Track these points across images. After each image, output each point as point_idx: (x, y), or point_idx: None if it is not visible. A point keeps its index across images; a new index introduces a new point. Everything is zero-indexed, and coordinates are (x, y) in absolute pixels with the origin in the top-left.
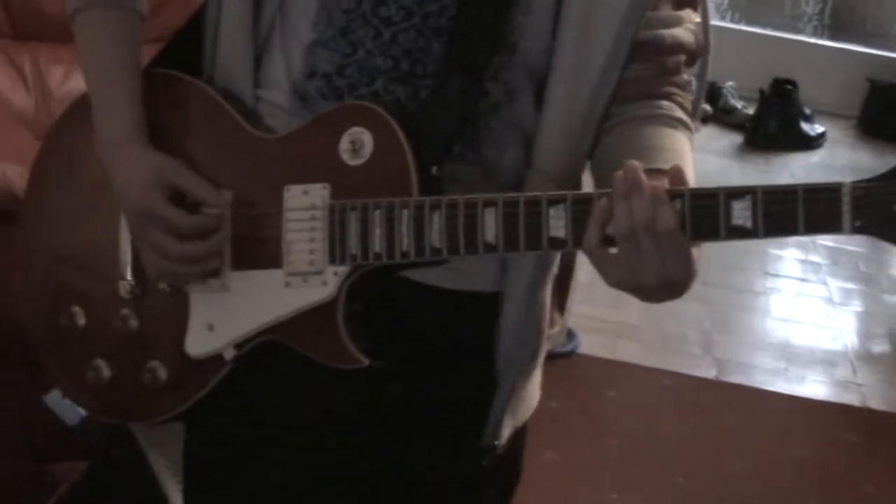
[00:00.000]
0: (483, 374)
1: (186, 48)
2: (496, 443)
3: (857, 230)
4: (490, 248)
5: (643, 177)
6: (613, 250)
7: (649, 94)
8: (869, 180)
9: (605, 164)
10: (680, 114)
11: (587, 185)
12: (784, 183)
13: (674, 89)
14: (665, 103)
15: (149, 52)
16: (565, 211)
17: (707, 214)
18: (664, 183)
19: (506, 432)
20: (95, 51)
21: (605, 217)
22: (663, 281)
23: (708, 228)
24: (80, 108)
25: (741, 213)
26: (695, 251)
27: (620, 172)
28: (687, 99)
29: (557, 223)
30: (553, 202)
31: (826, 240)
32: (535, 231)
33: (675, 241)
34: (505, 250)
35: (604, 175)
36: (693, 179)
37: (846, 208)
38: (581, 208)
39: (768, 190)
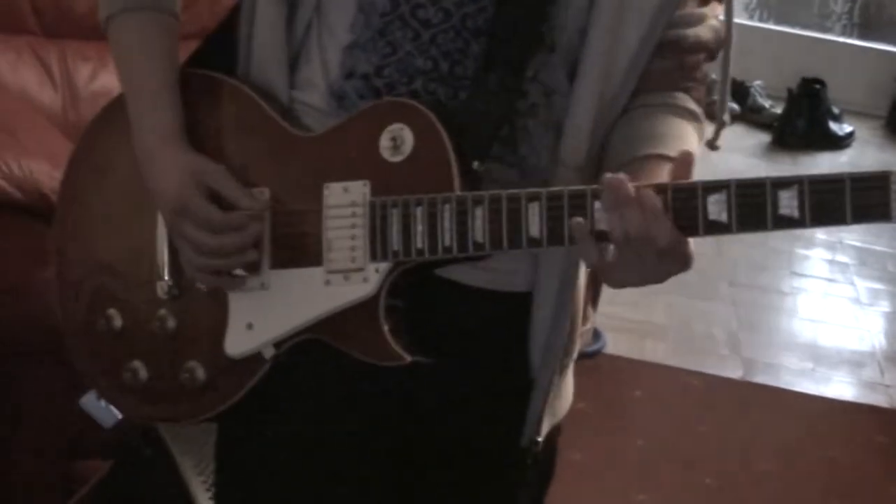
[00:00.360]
0: (520, 372)
1: (221, 48)
2: (538, 439)
3: None
4: (534, 242)
5: (631, 190)
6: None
7: (665, 87)
8: None
9: (614, 149)
10: (692, 105)
11: None
12: None
13: (690, 83)
14: (679, 94)
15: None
16: None
17: (754, 205)
18: (651, 168)
19: (545, 429)
20: (130, 55)
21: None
22: (665, 277)
23: (755, 219)
24: (113, 110)
25: (788, 202)
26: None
27: (608, 177)
28: (701, 91)
29: (602, 216)
30: (597, 195)
31: (853, 240)
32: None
33: (672, 239)
34: (549, 244)
35: (611, 158)
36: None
37: (894, 196)
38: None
39: (815, 179)
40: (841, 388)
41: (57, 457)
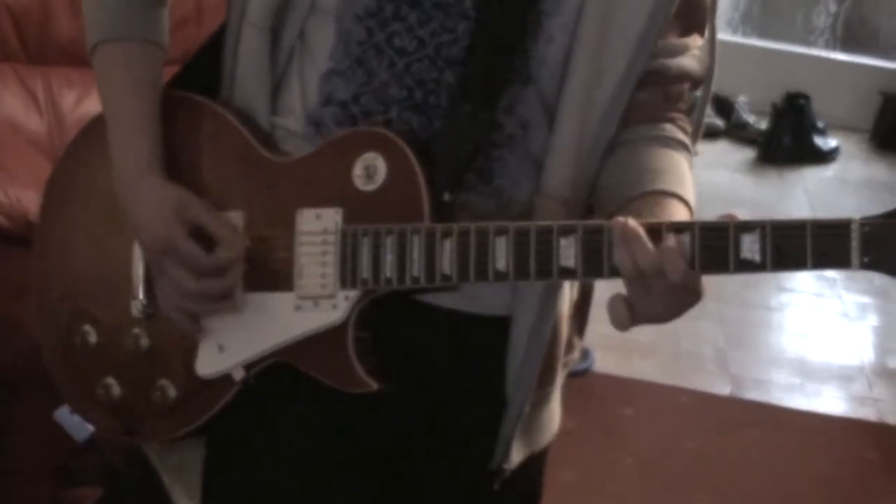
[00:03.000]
0: (493, 396)
1: (204, 70)
2: (505, 466)
3: (865, 266)
4: (501, 276)
5: (641, 231)
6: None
7: (652, 118)
8: (877, 217)
9: (609, 186)
10: (681, 136)
11: None
12: (798, 199)
13: (676, 114)
14: (667, 126)
15: (165, 75)
16: (576, 241)
17: (716, 248)
18: (667, 204)
19: (516, 456)
20: (113, 84)
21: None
22: (675, 313)
23: (716, 262)
24: (91, 131)
25: (750, 246)
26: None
27: (620, 220)
28: (688, 122)
29: (568, 253)
30: (564, 232)
31: None
32: (545, 260)
33: (688, 277)
34: (515, 278)
35: (606, 196)
36: (693, 201)
37: (855, 244)
38: (592, 237)
39: (777, 224)
40: (830, 403)
41: (48, 483)
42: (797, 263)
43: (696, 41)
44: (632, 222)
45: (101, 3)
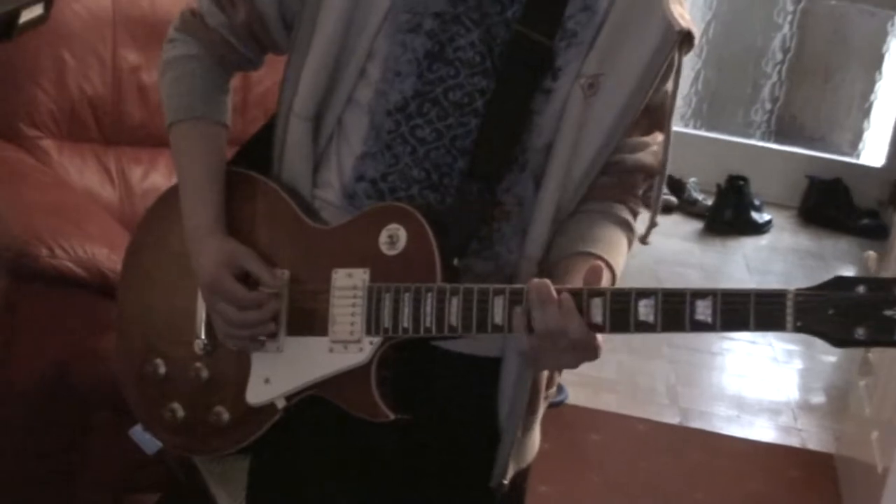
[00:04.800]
0: (488, 422)
1: (260, 149)
2: (504, 482)
3: (797, 329)
4: (497, 328)
5: (553, 291)
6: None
7: (606, 198)
8: (809, 289)
9: (557, 244)
10: (627, 216)
11: None
12: (737, 264)
13: (627, 196)
14: (617, 205)
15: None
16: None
17: (675, 311)
18: (591, 265)
19: (510, 473)
20: (186, 156)
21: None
22: (577, 364)
23: (676, 323)
24: (166, 201)
25: (705, 310)
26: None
27: (535, 282)
28: (638, 201)
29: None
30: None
31: None
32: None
33: (582, 337)
34: (510, 331)
35: (553, 252)
36: (621, 268)
37: (790, 311)
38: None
39: (727, 294)
40: (761, 431)
41: (113, 490)
42: (742, 325)
43: (656, 138)
44: (547, 284)
45: (178, 89)
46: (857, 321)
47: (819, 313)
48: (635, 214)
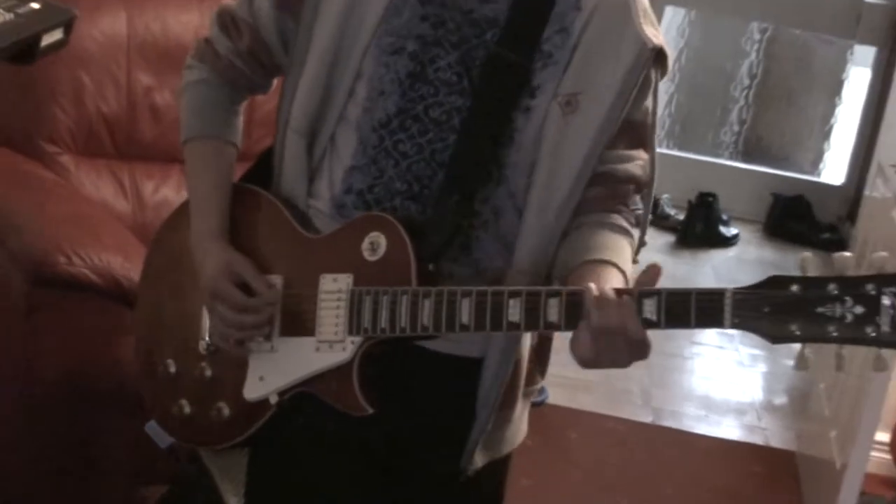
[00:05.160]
0: (464, 417)
1: (264, 167)
2: (469, 467)
3: (735, 326)
4: (465, 327)
5: (611, 293)
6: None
7: (601, 208)
8: (746, 288)
9: (562, 259)
10: (623, 223)
11: None
12: (707, 274)
13: (621, 206)
14: (613, 215)
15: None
16: (521, 302)
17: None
18: (603, 269)
19: (479, 460)
20: (196, 171)
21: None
22: (629, 362)
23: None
24: (177, 218)
25: (651, 308)
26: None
27: (593, 285)
28: (631, 213)
29: (514, 311)
30: (512, 295)
31: None
32: (497, 316)
33: (638, 333)
34: (475, 329)
35: (560, 267)
36: (629, 270)
37: (727, 309)
38: (532, 300)
39: (671, 293)
40: (728, 430)
41: (123, 482)
42: (684, 323)
43: (641, 154)
44: (606, 289)
45: (192, 110)
46: (792, 318)
47: (755, 311)
48: (630, 223)
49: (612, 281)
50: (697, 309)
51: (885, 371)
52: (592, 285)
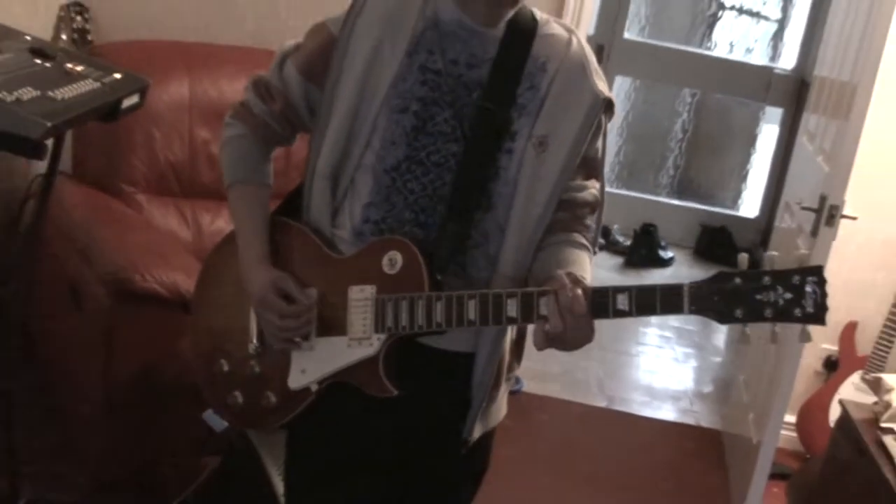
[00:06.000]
0: (461, 398)
1: (294, 203)
2: (470, 438)
3: (691, 312)
4: (471, 322)
5: (567, 281)
6: (548, 326)
7: (565, 229)
8: (699, 282)
9: (538, 270)
10: (582, 240)
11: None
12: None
13: (580, 227)
14: (575, 234)
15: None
16: (517, 301)
17: (598, 301)
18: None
19: (477, 432)
20: (240, 209)
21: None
22: (580, 342)
23: (603, 311)
24: (225, 243)
25: (624, 301)
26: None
27: (558, 273)
28: (588, 230)
29: (512, 308)
30: (509, 296)
31: (673, 322)
32: (498, 313)
33: (585, 318)
34: (480, 324)
35: (536, 276)
36: (591, 279)
37: (686, 298)
38: (526, 300)
39: (640, 288)
40: (666, 413)
41: (187, 456)
42: (652, 311)
43: (594, 183)
44: (569, 284)
45: (235, 160)
46: (736, 304)
47: (707, 299)
48: (588, 240)
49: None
50: (662, 300)
51: (810, 341)
52: (565, 281)
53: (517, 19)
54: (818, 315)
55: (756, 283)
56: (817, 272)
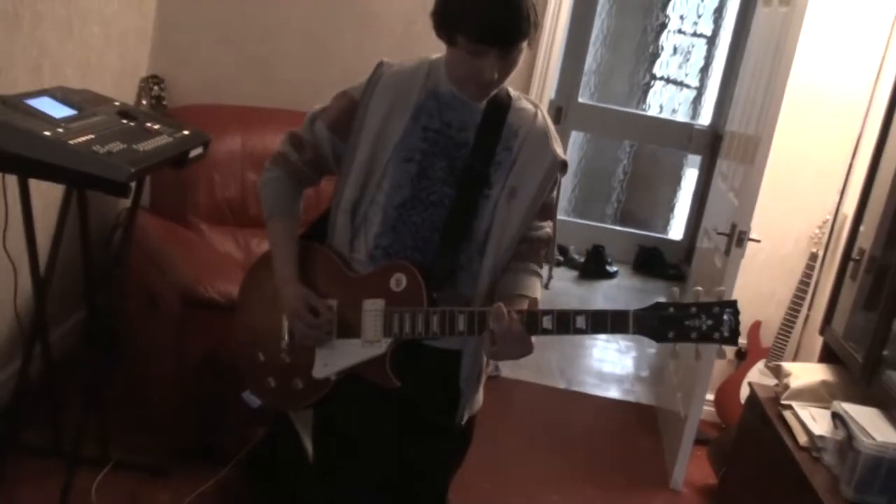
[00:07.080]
0: (452, 388)
1: (320, 230)
2: (463, 421)
3: (635, 332)
4: (461, 333)
5: (505, 310)
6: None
7: (523, 258)
8: (642, 309)
9: (500, 290)
10: (537, 269)
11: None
12: (598, 296)
13: (535, 258)
14: (530, 263)
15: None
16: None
17: (564, 321)
18: (521, 300)
19: (467, 416)
20: (276, 236)
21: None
22: (519, 355)
23: (566, 328)
24: (262, 260)
25: (582, 321)
26: (533, 338)
27: (497, 306)
28: (541, 260)
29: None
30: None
31: None
32: (482, 324)
33: (522, 337)
34: (468, 334)
35: (498, 295)
36: (539, 297)
37: (631, 322)
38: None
39: (595, 312)
40: (613, 392)
41: (235, 426)
42: (604, 329)
43: (548, 223)
44: (504, 310)
45: (274, 197)
46: (669, 327)
47: (647, 323)
48: (541, 268)
49: (520, 306)
50: (612, 322)
51: (724, 358)
52: (499, 307)
53: (496, 96)
54: (733, 338)
55: (685, 312)
56: (733, 304)
